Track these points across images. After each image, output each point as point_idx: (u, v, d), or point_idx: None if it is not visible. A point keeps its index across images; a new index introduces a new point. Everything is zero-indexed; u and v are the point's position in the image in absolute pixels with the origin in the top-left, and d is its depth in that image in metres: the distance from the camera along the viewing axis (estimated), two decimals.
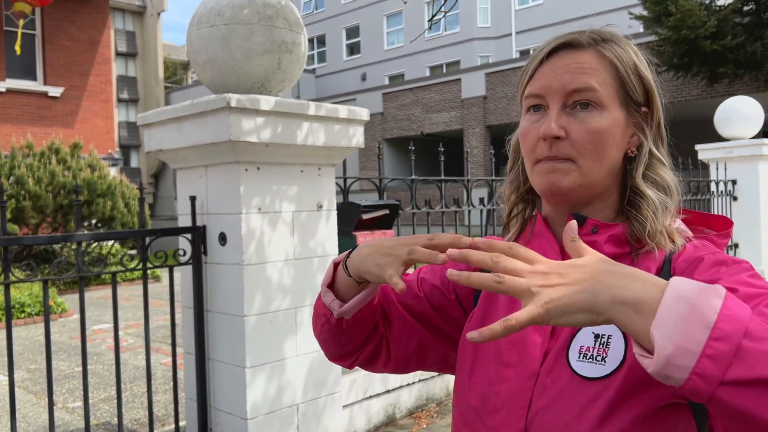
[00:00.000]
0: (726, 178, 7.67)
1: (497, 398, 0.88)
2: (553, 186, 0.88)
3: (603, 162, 0.88)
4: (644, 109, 0.91)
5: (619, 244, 0.89)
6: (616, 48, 0.90)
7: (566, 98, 0.87)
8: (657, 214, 0.88)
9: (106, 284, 10.67)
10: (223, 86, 2.74)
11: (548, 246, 0.93)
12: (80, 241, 2.54)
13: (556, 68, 0.89)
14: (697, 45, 12.63)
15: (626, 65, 0.89)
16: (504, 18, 26.91)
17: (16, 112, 13.67)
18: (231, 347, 2.77)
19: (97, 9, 14.99)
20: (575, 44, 0.89)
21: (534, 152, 0.90)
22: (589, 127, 0.86)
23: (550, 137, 0.87)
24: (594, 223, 0.90)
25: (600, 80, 0.87)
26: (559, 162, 0.88)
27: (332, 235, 3.06)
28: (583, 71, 0.87)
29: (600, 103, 0.87)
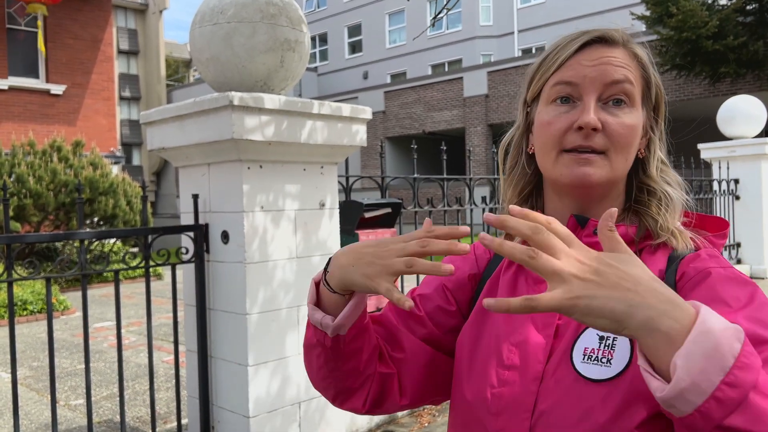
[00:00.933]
0: (728, 178, 7.66)
1: (499, 401, 0.87)
2: (584, 178, 0.86)
3: (628, 159, 0.88)
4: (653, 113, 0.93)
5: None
6: (639, 49, 0.90)
7: (603, 89, 0.86)
8: (669, 210, 0.88)
9: (107, 282, 10.68)
10: (226, 84, 2.74)
11: None
12: (83, 239, 2.54)
13: (592, 59, 0.87)
14: (699, 45, 12.61)
15: (649, 66, 0.90)
16: (506, 16, 26.88)
17: (19, 110, 13.69)
18: (233, 345, 2.77)
19: (99, 7, 14.99)
20: (609, 39, 0.89)
21: (561, 142, 0.87)
22: (624, 122, 0.86)
23: (591, 127, 0.85)
24: (596, 224, 0.88)
25: (633, 76, 0.88)
26: (594, 154, 0.86)
27: (335, 233, 3.07)
28: (620, 65, 0.87)
29: (632, 99, 0.87)
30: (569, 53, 0.89)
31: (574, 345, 0.84)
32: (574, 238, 0.66)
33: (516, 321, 0.90)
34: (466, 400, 0.92)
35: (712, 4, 13.44)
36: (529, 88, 0.94)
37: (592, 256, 0.64)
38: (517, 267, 0.96)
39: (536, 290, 0.90)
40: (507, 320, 0.92)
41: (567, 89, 0.88)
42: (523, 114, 0.98)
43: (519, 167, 0.98)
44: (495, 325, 0.93)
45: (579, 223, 0.91)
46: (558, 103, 0.89)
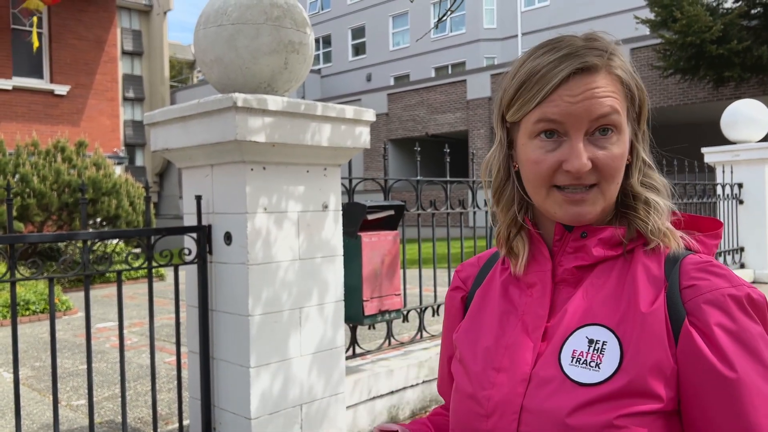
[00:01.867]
0: (732, 182, 7.65)
1: (489, 402, 0.88)
2: (581, 217, 0.87)
3: (619, 181, 0.88)
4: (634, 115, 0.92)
5: (610, 246, 0.89)
6: (618, 61, 0.87)
7: (590, 125, 0.85)
8: (657, 213, 0.88)
9: (109, 282, 10.69)
10: (230, 86, 2.74)
11: (538, 250, 0.94)
12: (86, 239, 2.54)
13: (575, 94, 0.84)
14: (703, 49, 12.61)
15: (631, 78, 0.88)
16: (510, 19, 26.89)
17: (23, 110, 13.72)
18: (235, 346, 2.77)
19: (104, 8, 15.03)
20: (591, 68, 0.85)
21: (550, 179, 0.87)
22: (614, 154, 0.85)
23: (582, 173, 0.84)
24: (582, 228, 0.90)
25: (619, 101, 0.86)
26: (585, 191, 0.86)
27: (338, 235, 3.06)
28: (604, 95, 0.84)
29: (620, 126, 0.86)
30: (550, 88, 0.84)
31: (562, 347, 0.85)
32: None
33: (507, 324, 0.93)
34: (462, 402, 0.94)
35: (716, 8, 13.43)
36: (509, 110, 0.91)
37: None
38: (508, 276, 0.99)
39: (527, 294, 0.93)
40: (499, 323, 0.94)
41: (551, 125, 0.85)
42: (502, 131, 0.95)
43: (507, 186, 0.97)
44: (489, 327, 0.95)
45: (566, 228, 0.91)
46: (542, 137, 0.86)
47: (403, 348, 4.05)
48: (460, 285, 1.09)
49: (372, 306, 3.50)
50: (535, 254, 0.94)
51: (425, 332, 4.14)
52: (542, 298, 0.91)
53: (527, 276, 0.94)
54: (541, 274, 0.93)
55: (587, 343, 0.83)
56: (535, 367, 0.86)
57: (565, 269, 0.91)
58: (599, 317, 0.85)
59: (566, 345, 0.84)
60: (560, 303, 0.90)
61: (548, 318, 0.89)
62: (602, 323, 0.84)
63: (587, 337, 0.83)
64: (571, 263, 0.90)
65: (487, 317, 0.97)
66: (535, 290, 0.92)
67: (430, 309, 4.19)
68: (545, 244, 0.94)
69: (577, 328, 0.85)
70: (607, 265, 0.89)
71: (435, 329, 4.30)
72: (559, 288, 0.91)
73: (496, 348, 0.91)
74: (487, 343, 0.93)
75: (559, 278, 0.91)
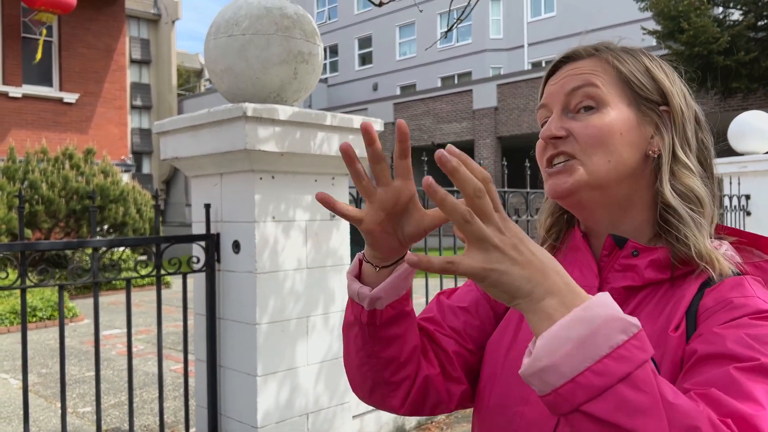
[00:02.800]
0: (739, 193, 7.62)
1: (521, 419, 0.85)
2: (558, 188, 0.85)
3: (612, 159, 0.83)
4: (663, 108, 0.87)
5: (661, 269, 0.83)
6: (619, 53, 0.88)
7: (566, 99, 0.86)
8: (696, 232, 0.81)
9: (116, 290, 10.72)
10: (240, 95, 2.76)
11: (584, 263, 0.89)
12: (96, 246, 2.56)
13: (557, 79, 0.89)
14: (710, 60, 12.61)
15: (629, 65, 0.87)
16: (516, 30, 26.96)
17: (32, 118, 13.82)
18: (242, 355, 2.77)
19: (113, 17, 15.16)
20: (574, 56, 0.90)
21: (543, 158, 0.88)
22: (590, 122, 0.84)
23: (549, 138, 0.85)
24: (634, 245, 0.85)
25: (600, 80, 0.85)
26: (564, 162, 0.85)
27: (345, 243, 3.07)
28: (581, 72, 0.87)
29: (601, 100, 0.84)
30: (542, 82, 0.92)
31: None
32: (499, 203, 0.64)
33: None
34: (490, 411, 0.90)
35: (723, 19, 13.45)
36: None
37: (511, 229, 0.64)
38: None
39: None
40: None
41: (544, 113, 0.90)
42: None
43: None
44: (524, 337, 0.91)
45: (617, 244, 0.86)
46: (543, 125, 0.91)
47: None
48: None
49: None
50: (581, 266, 0.89)
51: None
52: None
53: None
54: (585, 290, 0.86)
55: None
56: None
57: (612, 288, 0.85)
58: None
59: None
60: None
61: None
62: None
63: None
64: (619, 283, 0.85)
65: (524, 325, 0.92)
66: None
67: None
68: (592, 255, 0.89)
69: None
70: (654, 287, 0.84)
71: None
72: None
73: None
74: (520, 354, 0.88)
75: None
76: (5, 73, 13.49)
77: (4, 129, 13.38)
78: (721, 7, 13.64)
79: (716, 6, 13.48)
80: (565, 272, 0.66)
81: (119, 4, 15.29)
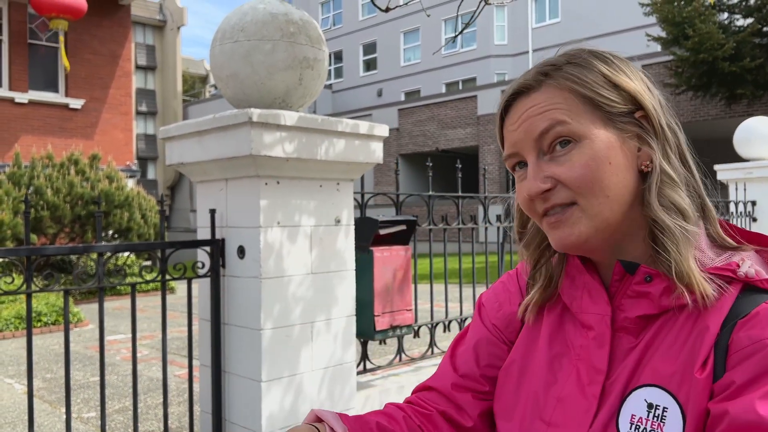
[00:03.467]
0: (745, 199, 7.60)
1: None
2: (565, 241, 0.79)
3: (610, 194, 0.77)
4: (639, 113, 0.80)
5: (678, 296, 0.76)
6: (573, 70, 0.80)
7: (538, 145, 0.79)
8: (679, 247, 0.75)
9: (120, 295, 10.73)
10: (245, 101, 2.77)
11: (593, 288, 0.83)
12: (101, 252, 2.56)
13: (515, 120, 0.82)
14: (715, 66, 12.60)
15: (589, 82, 0.79)
16: (521, 36, 27.01)
17: (38, 124, 13.89)
18: (247, 360, 2.77)
19: (119, 23, 15.24)
20: (525, 88, 0.82)
21: (535, 211, 0.82)
22: (576, 164, 0.76)
23: (536, 196, 0.79)
24: (647, 271, 0.78)
25: (564, 110, 0.78)
26: (562, 212, 0.79)
27: (350, 249, 3.07)
28: (542, 110, 0.79)
29: (575, 134, 0.77)
30: (497, 123, 0.87)
31: (620, 410, 0.76)
32: None
33: (560, 370, 0.84)
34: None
35: (728, 26, 13.44)
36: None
37: None
38: (563, 307, 0.88)
39: (584, 335, 0.83)
40: (549, 366, 0.85)
41: (515, 159, 0.84)
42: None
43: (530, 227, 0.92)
44: (538, 368, 0.86)
45: (627, 270, 0.80)
46: (518, 169, 0.84)
47: (413, 364, 4.04)
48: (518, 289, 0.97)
49: (383, 321, 3.49)
50: (590, 291, 0.83)
51: (436, 348, 4.13)
52: (600, 348, 0.80)
53: (583, 315, 0.83)
54: (598, 318, 0.82)
55: (646, 408, 0.74)
56: (593, 425, 0.76)
57: (626, 317, 0.79)
58: (659, 377, 0.74)
59: (624, 409, 0.75)
60: (620, 355, 0.79)
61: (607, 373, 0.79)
62: (662, 385, 0.74)
63: (646, 401, 0.74)
64: (633, 312, 0.79)
65: (536, 354, 0.87)
66: (591, 334, 0.82)
67: (441, 325, 4.18)
68: (598, 279, 0.83)
69: (636, 387, 0.75)
70: (673, 314, 0.77)
71: (446, 345, 4.27)
72: (618, 336, 0.80)
73: (545, 397, 0.83)
74: (534, 387, 0.85)
75: (619, 325, 0.80)
76: (11, 79, 13.56)
77: (10, 135, 13.45)
78: (727, 13, 13.63)
79: (721, 12, 13.47)
80: None
81: (125, 11, 15.38)
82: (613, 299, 0.81)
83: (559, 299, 0.89)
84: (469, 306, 4.33)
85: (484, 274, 4.49)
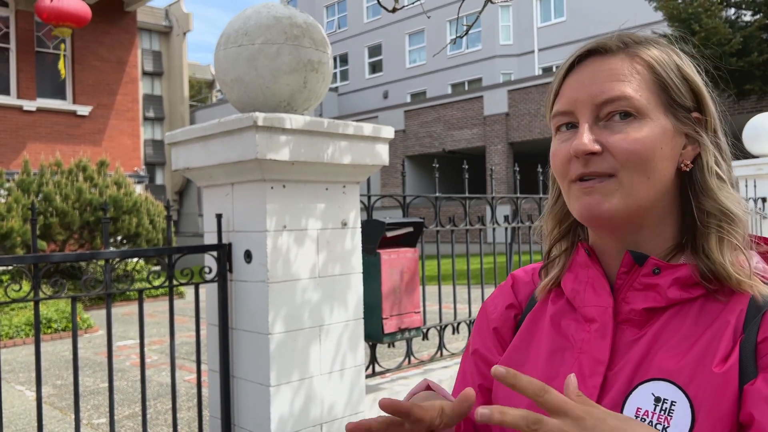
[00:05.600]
0: (755, 196, 7.54)
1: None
2: (593, 210, 0.77)
3: (651, 177, 0.76)
4: (695, 114, 0.79)
5: (686, 288, 0.76)
6: (652, 49, 0.80)
7: (597, 110, 0.77)
8: (723, 248, 0.75)
9: (129, 300, 10.77)
10: (250, 105, 2.77)
11: (596, 281, 0.83)
12: (108, 258, 2.56)
13: (583, 78, 0.79)
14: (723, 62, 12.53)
15: (665, 66, 0.79)
16: (526, 35, 26.95)
17: (46, 131, 13.97)
18: (255, 365, 2.76)
19: (125, 30, 15.32)
20: (603, 49, 0.80)
21: (567, 173, 0.79)
22: (631, 136, 0.75)
23: (582, 153, 0.76)
24: (656, 262, 0.77)
25: (635, 86, 0.76)
26: (599, 180, 0.76)
27: (357, 252, 3.06)
28: (614, 78, 0.77)
29: (639, 111, 0.76)
30: (561, 77, 0.82)
31: (625, 403, 0.75)
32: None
33: (562, 363, 0.83)
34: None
35: (735, 21, 13.36)
36: (547, 116, 0.87)
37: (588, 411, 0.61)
38: (565, 302, 0.87)
39: (585, 329, 0.82)
40: (549, 360, 0.84)
41: (564, 118, 0.80)
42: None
43: (557, 198, 0.90)
44: (537, 362, 0.86)
45: (636, 261, 0.79)
46: (563, 130, 0.82)
47: (422, 366, 4.02)
48: (515, 302, 0.96)
49: (391, 324, 3.48)
50: (594, 284, 0.82)
51: (445, 350, 4.11)
52: (602, 340, 0.79)
53: (585, 309, 0.82)
54: (600, 310, 0.81)
55: (653, 402, 0.72)
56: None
57: (632, 309, 0.78)
58: (668, 371, 0.73)
59: (629, 401, 0.74)
60: (623, 347, 0.78)
61: (608, 364, 0.78)
62: (671, 379, 0.72)
63: (653, 394, 0.73)
64: (639, 304, 0.78)
65: (535, 350, 0.87)
66: (593, 327, 0.81)
67: (450, 327, 4.16)
68: (602, 272, 0.82)
69: (643, 381, 0.74)
70: (682, 308, 0.76)
71: (455, 347, 4.26)
72: (622, 328, 0.79)
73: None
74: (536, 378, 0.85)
75: (624, 317, 0.79)
76: (19, 87, 13.65)
77: (18, 142, 13.54)
78: (733, 9, 13.55)
79: (728, 8, 13.40)
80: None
81: (131, 17, 15.45)
82: (618, 292, 0.80)
83: (560, 296, 0.88)
84: (478, 307, 4.30)
85: (493, 275, 4.46)
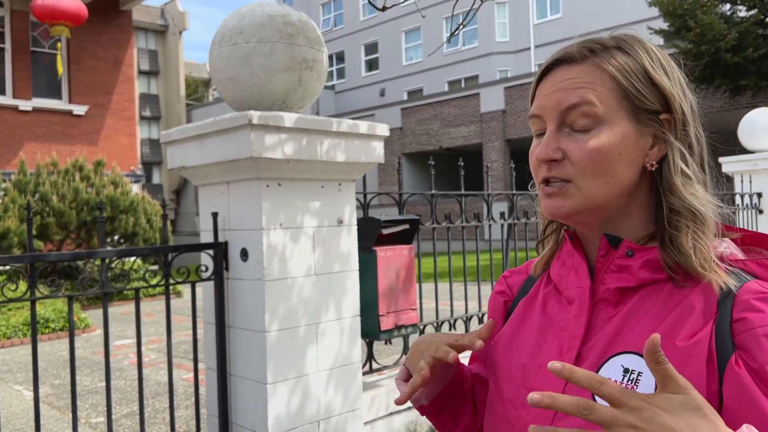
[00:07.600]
0: (751, 191, 7.56)
1: (518, 422, 0.87)
2: (554, 212, 0.85)
3: (609, 181, 0.82)
4: (664, 116, 0.83)
5: (655, 270, 0.82)
6: (619, 56, 0.83)
7: (562, 117, 0.83)
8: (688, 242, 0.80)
9: (127, 300, 10.76)
10: (245, 103, 2.77)
11: (578, 266, 0.89)
12: (104, 257, 2.56)
13: (549, 86, 0.85)
14: (718, 58, 12.53)
15: (629, 74, 0.82)
16: (522, 32, 26.94)
17: (42, 131, 13.94)
18: (252, 363, 2.77)
19: (121, 29, 15.29)
20: (568, 59, 0.85)
21: (537, 174, 0.87)
22: (588, 146, 0.81)
23: (544, 161, 0.84)
24: (629, 245, 0.84)
25: (597, 93, 0.81)
26: (560, 185, 0.83)
27: (353, 249, 3.07)
28: (576, 86, 0.82)
29: (600, 118, 0.81)
30: (534, 85, 0.90)
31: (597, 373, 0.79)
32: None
33: (544, 342, 0.90)
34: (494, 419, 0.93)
35: (731, 16, 13.37)
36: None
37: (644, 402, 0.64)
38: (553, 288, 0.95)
39: (566, 310, 0.89)
40: (536, 340, 0.91)
41: (537, 123, 0.87)
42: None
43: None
44: (527, 343, 0.93)
45: (611, 243, 0.85)
46: (538, 133, 0.88)
47: None
48: (506, 290, 1.05)
49: (388, 321, 3.49)
50: (576, 268, 0.89)
51: None
52: (579, 317, 0.86)
53: (568, 291, 0.90)
54: (579, 291, 0.88)
55: (622, 372, 0.79)
56: (566, 392, 0.81)
57: (606, 289, 0.85)
58: (638, 345, 0.79)
59: (601, 372, 0.80)
60: (598, 324, 0.85)
61: (584, 339, 0.85)
62: (640, 352, 0.78)
63: (623, 366, 0.79)
64: (613, 283, 0.85)
65: (526, 332, 0.94)
66: (573, 307, 0.88)
67: (446, 323, 4.17)
68: (584, 257, 0.89)
69: (614, 354, 0.81)
70: (653, 288, 0.83)
71: None
72: (598, 307, 0.86)
73: (530, 366, 0.89)
74: (522, 360, 0.91)
75: (600, 297, 0.86)
76: (15, 87, 13.62)
77: (15, 142, 13.51)
78: (729, 5, 13.57)
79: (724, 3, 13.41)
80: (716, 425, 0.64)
81: (126, 16, 15.42)
82: (597, 274, 0.87)
83: (550, 281, 0.96)
84: (475, 304, 4.31)
85: (489, 272, 4.47)
